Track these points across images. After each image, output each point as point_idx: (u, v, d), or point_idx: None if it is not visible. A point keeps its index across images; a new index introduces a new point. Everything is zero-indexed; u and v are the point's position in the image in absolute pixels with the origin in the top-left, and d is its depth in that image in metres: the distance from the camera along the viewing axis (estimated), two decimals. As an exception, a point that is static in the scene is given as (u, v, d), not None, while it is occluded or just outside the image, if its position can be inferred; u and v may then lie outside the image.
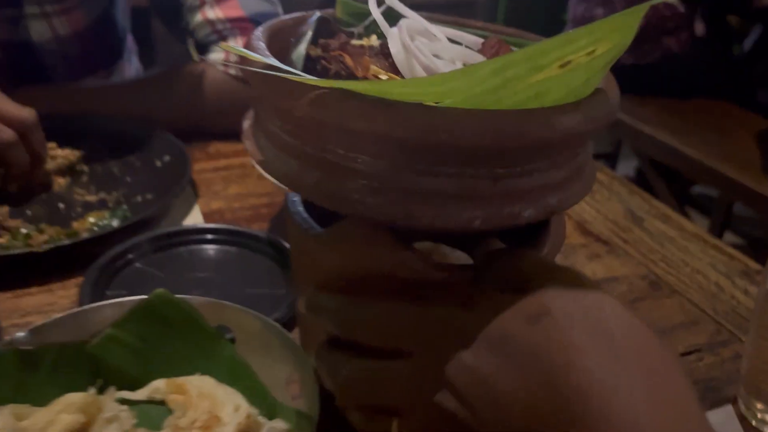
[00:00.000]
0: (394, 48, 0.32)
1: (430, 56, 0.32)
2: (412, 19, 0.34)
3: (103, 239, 0.55)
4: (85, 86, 0.82)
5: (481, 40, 0.36)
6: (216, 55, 0.79)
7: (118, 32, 0.93)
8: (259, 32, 0.33)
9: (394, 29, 0.33)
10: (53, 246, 0.52)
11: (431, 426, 0.29)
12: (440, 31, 0.35)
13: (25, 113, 0.61)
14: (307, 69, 0.33)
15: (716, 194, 2.02)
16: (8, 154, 0.60)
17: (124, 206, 0.60)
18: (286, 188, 0.31)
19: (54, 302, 0.51)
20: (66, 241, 0.53)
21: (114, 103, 0.77)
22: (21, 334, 0.39)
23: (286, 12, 0.79)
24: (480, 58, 0.34)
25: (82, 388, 0.40)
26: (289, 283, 0.54)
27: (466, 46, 0.36)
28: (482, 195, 0.28)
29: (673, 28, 1.91)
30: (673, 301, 0.56)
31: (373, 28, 0.38)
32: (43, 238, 0.54)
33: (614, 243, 0.64)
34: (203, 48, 0.80)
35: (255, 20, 0.79)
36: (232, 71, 0.78)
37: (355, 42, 0.34)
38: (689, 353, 0.50)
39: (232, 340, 0.43)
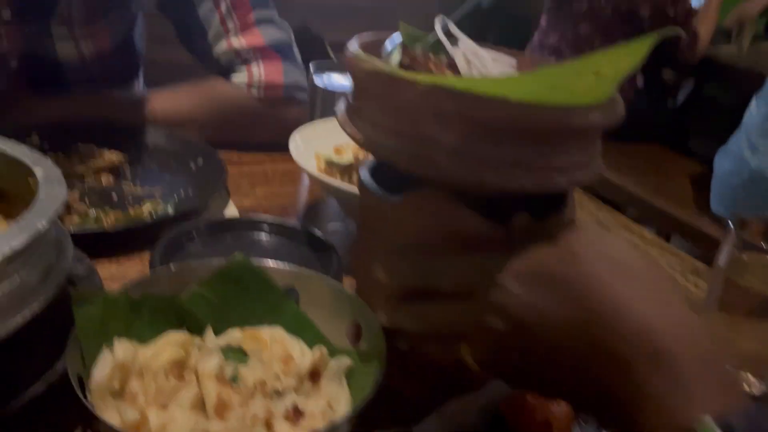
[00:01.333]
0: (459, 61, 0.43)
1: (485, 67, 0.43)
2: (465, 42, 0.45)
3: (162, 223, 0.62)
4: (115, 96, 0.89)
5: (514, 60, 0.47)
6: (239, 78, 0.88)
7: (136, 53, 1.01)
8: (355, 45, 0.43)
9: (457, 48, 0.44)
10: (124, 228, 0.59)
11: (490, 345, 0.39)
12: (485, 52, 0.46)
13: None
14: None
15: (654, 230, 2.21)
16: None
17: (175, 196, 0.68)
18: (381, 159, 0.41)
19: (124, 273, 0.58)
20: (134, 223, 0.60)
21: (146, 111, 0.85)
22: (131, 283, 0.47)
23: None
24: (518, 73, 0.45)
25: (172, 334, 0.48)
26: (325, 262, 0.63)
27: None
28: (533, 166, 0.38)
29: (617, 79, 2.11)
30: (640, 289, 0.68)
31: (429, 48, 0.49)
32: (110, 219, 0.61)
33: (588, 245, 0.76)
34: (227, 71, 0.89)
35: (274, 47, 0.89)
36: (254, 92, 0.87)
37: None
38: (655, 327, 0.62)
39: (297, 299, 0.52)
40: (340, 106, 0.45)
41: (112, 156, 0.73)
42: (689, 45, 2.08)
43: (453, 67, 0.43)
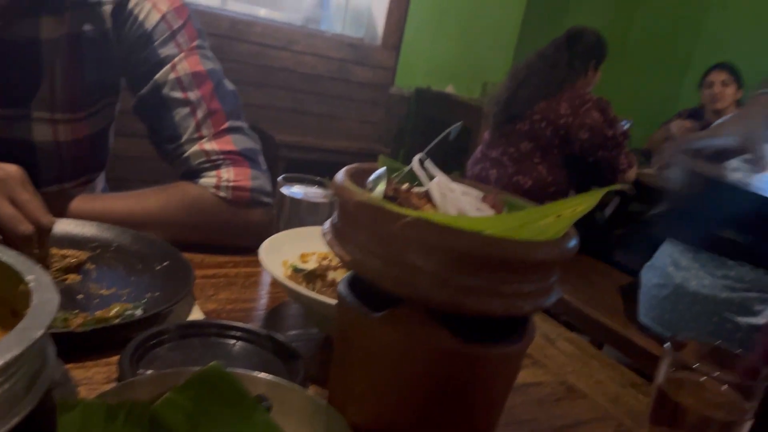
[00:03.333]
0: (435, 195, 0.48)
1: (459, 200, 0.48)
2: (441, 177, 0.51)
3: (130, 326, 0.63)
4: (80, 194, 0.91)
5: (481, 194, 0.53)
6: (208, 180, 0.91)
7: (107, 146, 1.04)
8: (342, 173, 0.48)
9: (433, 183, 0.49)
10: (92, 328, 0.60)
11: None
12: (457, 186, 0.52)
13: (46, 220, 0.69)
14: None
15: (588, 339, 2.30)
16: (22, 246, 0.67)
17: (144, 299, 0.69)
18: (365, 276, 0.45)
19: (90, 376, 0.58)
20: (102, 325, 0.61)
21: (112, 211, 0.86)
22: (110, 391, 0.47)
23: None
24: (484, 205, 0.51)
25: (143, 443, 0.48)
26: (291, 370, 0.64)
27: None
28: (504, 292, 0.43)
29: (552, 192, 2.26)
30: (586, 401, 0.72)
31: (404, 179, 0.54)
32: (78, 321, 0.62)
33: (536, 357, 0.81)
34: (196, 173, 0.92)
35: (243, 154, 0.93)
36: (222, 194, 0.91)
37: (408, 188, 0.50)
38: (601, 440, 0.66)
39: (269, 408, 0.53)
40: (327, 228, 0.49)
41: (79, 254, 0.73)
42: (629, 165, 2.27)
43: (430, 198, 0.49)
